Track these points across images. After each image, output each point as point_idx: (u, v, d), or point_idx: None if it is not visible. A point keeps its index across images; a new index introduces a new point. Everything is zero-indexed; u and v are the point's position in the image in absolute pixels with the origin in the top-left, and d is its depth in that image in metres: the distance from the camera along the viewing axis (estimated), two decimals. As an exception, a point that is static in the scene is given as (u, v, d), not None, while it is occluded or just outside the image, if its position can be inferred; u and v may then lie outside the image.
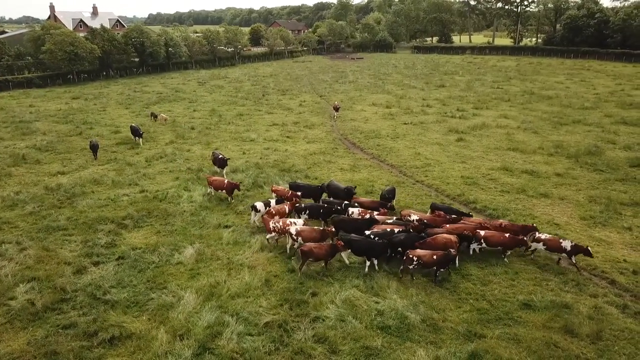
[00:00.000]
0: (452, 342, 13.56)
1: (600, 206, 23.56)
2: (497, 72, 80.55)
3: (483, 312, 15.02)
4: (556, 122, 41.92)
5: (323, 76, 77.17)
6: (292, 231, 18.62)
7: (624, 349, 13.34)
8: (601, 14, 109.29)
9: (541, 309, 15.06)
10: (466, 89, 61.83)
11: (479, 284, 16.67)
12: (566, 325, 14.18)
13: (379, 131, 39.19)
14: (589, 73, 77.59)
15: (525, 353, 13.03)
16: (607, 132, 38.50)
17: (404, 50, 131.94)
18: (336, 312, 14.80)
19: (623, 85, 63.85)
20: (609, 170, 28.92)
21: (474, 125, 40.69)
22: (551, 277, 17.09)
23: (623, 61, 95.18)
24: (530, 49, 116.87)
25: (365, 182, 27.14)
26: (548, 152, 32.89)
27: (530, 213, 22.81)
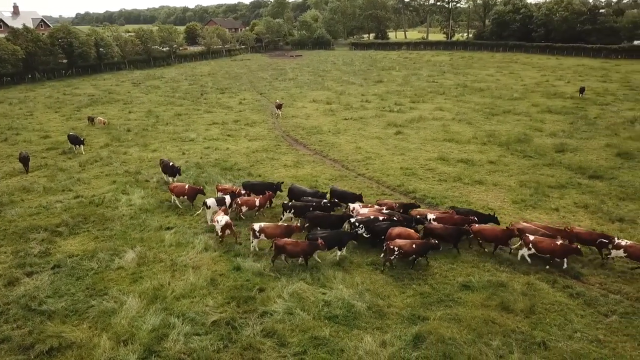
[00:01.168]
0: (397, 326, 13.98)
1: (530, 190, 24.95)
2: (432, 66, 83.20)
3: (425, 295, 15.57)
4: (488, 113, 43.88)
5: (262, 74, 76.76)
6: (217, 227, 18.98)
7: (555, 320, 14.26)
8: (526, 9, 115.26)
9: (479, 289, 15.80)
10: (403, 83, 63.46)
11: (423, 269, 17.25)
12: (502, 302, 14.96)
13: (320, 127, 39.52)
14: (516, 66, 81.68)
15: (465, 331, 13.65)
16: (535, 120, 40.74)
17: (342, 47, 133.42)
18: (284, 305, 14.87)
19: (547, 76, 67.73)
20: (537, 156, 30.63)
21: (411, 118, 41.86)
22: (487, 259, 17.94)
23: (547, 54, 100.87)
24: (462, 44, 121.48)
25: (309, 177, 27.33)
26: (481, 142, 34.39)
27: (466, 199, 23.80)
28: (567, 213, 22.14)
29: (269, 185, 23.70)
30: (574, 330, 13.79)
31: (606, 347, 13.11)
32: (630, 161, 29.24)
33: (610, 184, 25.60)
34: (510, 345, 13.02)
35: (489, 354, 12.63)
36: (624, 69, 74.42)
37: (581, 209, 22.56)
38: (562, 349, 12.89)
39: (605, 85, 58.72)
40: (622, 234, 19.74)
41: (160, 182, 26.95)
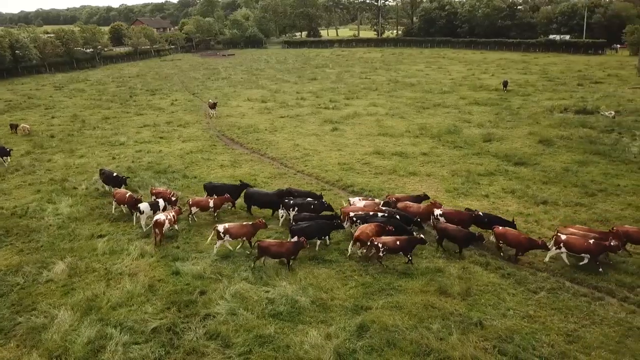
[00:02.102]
0: (341, 318, 14.13)
1: (462, 178, 25.99)
2: (364, 63, 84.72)
3: (367, 285, 15.84)
4: (419, 107, 45.27)
5: (194, 74, 75.04)
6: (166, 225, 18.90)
7: (489, 300, 14.95)
8: (450, 6, 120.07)
9: (418, 276, 16.28)
10: (337, 80, 64.18)
11: (362, 261, 17.52)
12: (440, 287, 15.50)
13: (256, 125, 39.19)
14: (444, 61, 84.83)
15: (407, 317, 14.02)
16: (463, 112, 42.49)
17: (275, 46, 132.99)
18: (227, 306, 14.62)
19: (473, 70, 70.86)
20: (467, 146, 31.94)
21: (346, 114, 42.43)
22: (425, 247, 18.47)
23: (472, 49, 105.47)
24: (393, 41, 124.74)
25: (248, 176, 27.01)
26: (414, 135, 35.42)
27: (402, 190, 24.41)
28: (497, 199, 23.25)
29: (232, 187, 22.89)
30: (507, 308, 14.52)
31: (536, 321, 13.90)
32: (550, 147, 31.14)
33: (534, 170, 27.15)
34: (449, 327, 13.51)
35: (429, 337, 13.03)
36: (542, 61, 79.21)
37: (509, 194, 23.77)
38: (497, 327, 13.53)
39: (525, 77, 62.22)
40: (546, 215, 21.03)
41: (89, 189, 25.67)
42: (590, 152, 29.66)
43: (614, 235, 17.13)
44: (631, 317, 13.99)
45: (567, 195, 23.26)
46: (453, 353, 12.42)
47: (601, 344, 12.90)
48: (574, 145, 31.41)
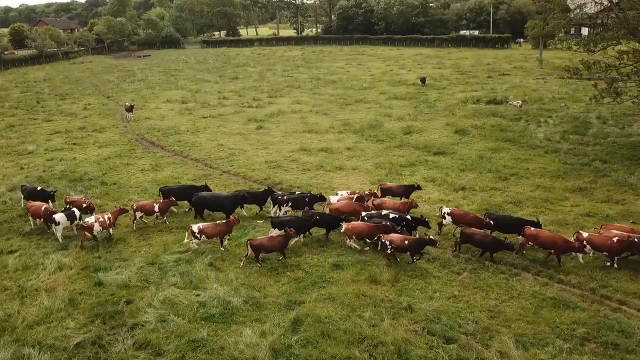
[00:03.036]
0: (275, 314, 14.09)
1: (385, 170, 26.76)
2: (286, 61, 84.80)
3: (300, 280, 15.90)
4: (342, 103, 46.04)
5: (108, 76, 71.47)
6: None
7: (417, 284, 15.53)
8: (367, 4, 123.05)
9: (349, 267, 16.56)
10: (259, 79, 63.77)
11: (294, 256, 17.55)
12: (370, 276, 15.87)
13: (177, 127, 38.04)
14: (364, 57, 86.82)
15: (340, 308, 14.23)
16: (384, 107, 43.74)
17: (193, 46, 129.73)
18: (156, 314, 14.09)
19: (391, 66, 73.11)
20: (388, 140, 32.92)
21: (270, 112, 42.27)
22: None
23: (389, 45, 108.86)
24: (313, 39, 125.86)
25: (171, 179, 26.19)
26: (338, 130, 35.98)
27: (329, 185, 24.74)
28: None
29: (189, 188, 22.29)
30: (434, 290, 15.15)
31: (461, 300, 14.62)
32: (465, 137, 32.84)
33: (452, 158, 28.51)
34: (381, 314, 13.87)
35: (362, 325, 13.31)
36: (454, 56, 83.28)
37: (430, 182, 24.80)
38: (425, 309, 14.07)
39: (440, 71, 65.13)
40: (465, 201, 22.16)
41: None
42: (501, 140, 31.61)
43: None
44: (544, 289, 15.08)
45: (482, 181, 24.64)
46: (385, 338, 12.77)
47: (519, 316, 13.81)
48: (486, 133, 33.33)
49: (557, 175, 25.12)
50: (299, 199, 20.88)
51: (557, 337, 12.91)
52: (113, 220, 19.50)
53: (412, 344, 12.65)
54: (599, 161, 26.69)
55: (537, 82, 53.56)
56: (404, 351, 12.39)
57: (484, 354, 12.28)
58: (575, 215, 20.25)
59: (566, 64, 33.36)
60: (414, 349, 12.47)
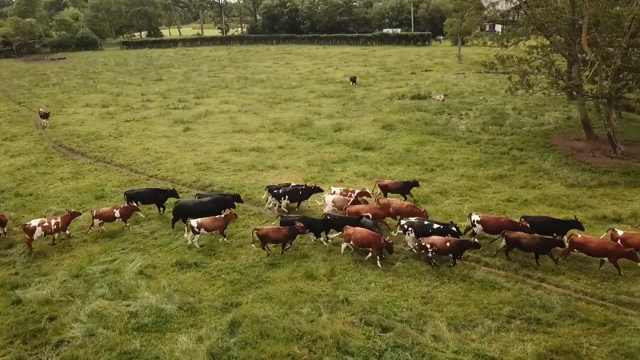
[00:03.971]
0: (212, 318, 13.77)
1: (318, 167, 26.92)
2: (211, 61, 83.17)
3: (235, 282, 15.65)
4: (271, 102, 45.81)
5: (18, 81, 66.65)
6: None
7: (353, 277, 15.77)
8: (291, 3, 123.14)
9: (285, 265, 16.52)
10: (184, 80, 62.10)
11: (229, 259, 17.26)
12: (307, 272, 15.91)
13: (99, 132, 36.20)
14: (291, 56, 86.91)
15: (277, 306, 14.15)
16: (313, 105, 43.99)
17: (112, 47, 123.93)
18: (83, 328, 13.33)
19: (319, 64, 73.70)
20: (319, 137, 33.14)
21: (198, 113, 41.28)
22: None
23: (315, 44, 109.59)
24: (238, 38, 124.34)
25: (94, 187, 24.92)
26: (269, 129, 35.76)
27: (263, 185, 24.51)
28: (351, 183, 24.52)
29: (156, 191, 21.67)
30: (369, 282, 15.44)
31: (395, 289, 15.01)
32: (392, 132, 33.74)
33: (381, 153, 29.19)
34: (319, 309, 13.95)
35: (301, 321, 13.32)
36: (379, 53, 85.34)
37: (360, 177, 25.27)
38: (362, 300, 14.32)
39: (366, 69, 66.48)
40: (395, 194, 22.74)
41: None
42: (426, 133, 32.77)
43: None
44: (472, 273, 15.81)
45: (410, 173, 25.40)
46: (324, 332, 12.85)
47: (450, 300, 14.39)
48: (412, 128, 34.43)
49: (479, 164, 26.42)
50: (294, 192, 21.06)
51: (486, 317, 13.57)
52: (63, 224, 18.61)
53: (350, 335, 12.82)
54: (516, 149, 28.37)
55: (457, 77, 56.09)
56: (342, 343, 12.53)
57: (419, 339, 12.66)
58: (497, 202, 21.37)
59: (483, 59, 35.08)
60: (353, 340, 12.65)
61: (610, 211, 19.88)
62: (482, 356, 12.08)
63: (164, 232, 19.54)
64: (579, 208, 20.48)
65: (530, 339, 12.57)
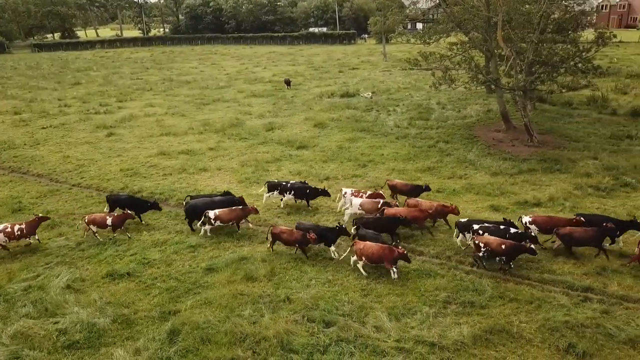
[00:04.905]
0: (149, 328, 13.23)
1: (251, 168, 26.62)
2: (133, 63, 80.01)
3: (172, 290, 15.13)
4: (199, 103, 44.79)
5: None
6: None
7: (293, 275, 15.73)
8: (215, 2, 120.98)
9: (223, 268, 16.17)
10: (105, 83, 59.25)
11: (163, 266, 16.66)
12: (246, 274, 15.67)
13: (12, 141, 33.67)
14: (217, 57, 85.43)
15: (218, 311, 13.83)
16: (243, 105, 43.49)
17: (22, 50, 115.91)
18: (6, 352, 12.35)
19: (246, 64, 73.01)
20: (252, 137, 32.81)
21: (121, 117, 39.52)
22: (227, 239, 18.44)
23: (241, 44, 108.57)
24: (161, 39, 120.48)
25: (9, 200, 23.15)
26: (198, 131, 34.92)
27: (195, 188, 23.91)
28: (285, 181, 24.49)
29: (134, 200, 20.60)
30: (310, 279, 15.47)
31: (336, 284, 15.15)
32: (324, 130, 34.05)
33: (314, 151, 29.36)
34: (261, 310, 13.80)
35: (243, 324, 13.11)
36: (306, 52, 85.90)
37: (296, 175, 25.25)
38: (303, 298, 14.32)
39: (294, 68, 66.68)
40: (330, 190, 22.94)
41: None
42: (357, 130, 33.35)
43: None
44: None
45: (344, 170, 25.78)
46: (267, 333, 12.73)
47: (389, 291, 14.73)
48: (343, 125, 34.92)
49: (408, 158, 27.27)
50: (301, 189, 20.82)
51: (424, 304, 14.02)
52: (28, 230, 17.91)
53: (294, 333, 12.78)
54: (443, 142, 29.57)
55: (384, 75, 57.59)
56: (286, 342, 12.47)
57: (361, 331, 12.86)
58: (428, 193, 22.11)
59: (407, 57, 36.32)
60: (296, 338, 12.62)
61: (531, 196, 21.21)
62: (422, 342, 12.45)
63: (92, 242, 18.54)
64: (502, 195, 21.69)
65: (465, 322, 13.13)
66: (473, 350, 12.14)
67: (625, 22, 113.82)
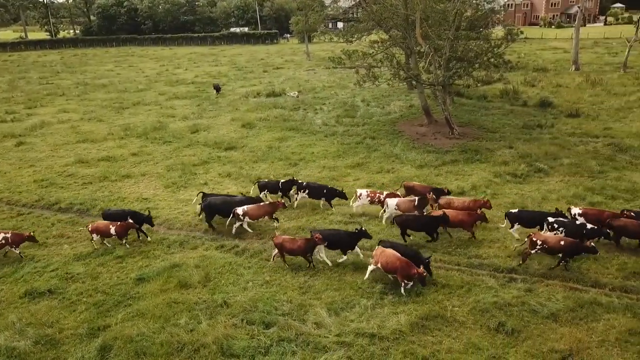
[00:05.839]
0: (77, 347, 12.39)
1: (178, 172, 25.74)
2: (42, 67, 75.04)
3: (100, 304, 14.27)
4: (118, 107, 42.79)
5: None
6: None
7: (229, 279, 15.38)
8: (129, 2, 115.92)
9: (155, 277, 15.49)
10: (10, 89, 55.06)
11: (89, 280, 15.69)
12: (180, 281, 15.12)
13: None
14: (134, 58, 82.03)
15: (152, 322, 13.21)
16: (165, 107, 42.06)
17: None
18: None
19: (166, 66, 70.72)
20: (176, 140, 31.78)
21: (32, 125, 36.84)
22: (157, 247, 17.70)
23: (160, 45, 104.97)
24: (71, 41, 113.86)
25: None
26: (119, 136, 33.33)
27: (119, 196, 22.78)
28: (216, 184, 23.93)
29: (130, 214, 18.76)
30: (247, 281, 15.21)
31: (273, 285, 14.99)
32: (253, 130, 33.69)
33: (243, 151, 28.95)
34: (197, 317, 13.36)
35: (180, 333, 12.63)
36: (229, 52, 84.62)
37: (225, 177, 24.79)
38: (241, 301, 14.03)
39: (217, 68, 65.47)
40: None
41: None
42: (286, 129, 33.30)
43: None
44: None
45: (275, 169, 25.62)
46: (206, 339, 12.34)
47: (327, 286, 14.79)
48: (271, 124, 34.72)
49: (337, 155, 27.59)
50: (317, 189, 20.42)
51: (361, 297, 14.22)
52: (14, 240, 17.01)
53: (234, 337, 12.50)
54: (369, 138, 30.21)
55: (308, 74, 57.94)
56: (226, 347, 12.16)
57: (302, 329, 12.81)
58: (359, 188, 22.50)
59: (330, 55, 36.65)
60: (236, 342, 12.34)
61: (455, 186, 22.16)
62: (362, 334, 12.61)
63: (5, 260, 17.11)
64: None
65: (402, 311, 13.46)
66: (411, 338, 12.46)
67: (529, 20, 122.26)
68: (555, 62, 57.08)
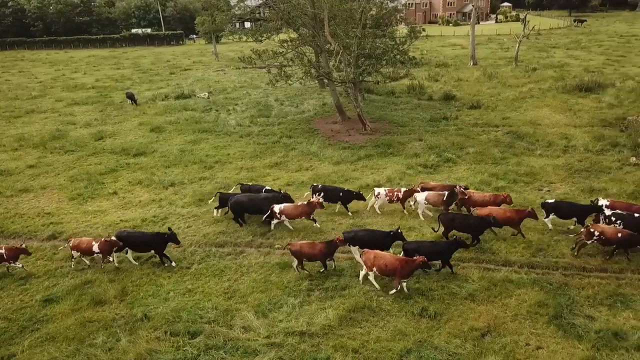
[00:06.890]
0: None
1: (84, 182, 24.08)
2: None
3: (3, 331, 12.95)
4: (9, 116, 39.20)
5: None
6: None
7: (148, 291, 14.56)
8: (15, 2, 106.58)
9: (64, 297, 14.35)
10: None
11: (-13, 306, 14.18)
12: (93, 298, 14.14)
13: None
14: (25, 63, 75.66)
15: (64, 345, 12.20)
16: (64, 115, 39.14)
17: None
18: None
19: (62, 70, 65.90)
20: (79, 149, 29.70)
21: None
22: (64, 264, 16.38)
23: (54, 48, 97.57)
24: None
25: None
26: (12, 147, 30.56)
27: (16, 212, 20.84)
28: (126, 193, 22.68)
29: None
30: (167, 291, 14.52)
31: (196, 292, 14.45)
32: (162, 133, 32.31)
33: (154, 157, 27.68)
34: (116, 334, 12.56)
35: (97, 353, 11.79)
36: (131, 55, 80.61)
37: (136, 185, 23.55)
38: (163, 312, 13.39)
39: (120, 71, 62.07)
40: (177, 196, 21.84)
41: None
42: (198, 131, 32.30)
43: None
44: (269, 258, 16.26)
45: (190, 173, 24.76)
46: (127, 357, 11.64)
47: (253, 289, 14.53)
48: (182, 127, 33.51)
49: (255, 155, 27.23)
50: (334, 191, 19.71)
51: (288, 296, 14.12)
52: (10, 255, 15.57)
53: (158, 351, 11.91)
54: (286, 137, 30.12)
55: (218, 74, 56.68)
56: (151, 363, 11.52)
57: (230, 335, 12.49)
58: (279, 187, 22.32)
59: (239, 55, 36.07)
60: (161, 355, 11.77)
61: (371, 179, 22.73)
62: (291, 333, 12.52)
63: None
64: (347, 181, 22.83)
65: (330, 305, 13.54)
66: (340, 331, 12.56)
67: (428, 18, 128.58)
68: (455, 58, 60.47)
